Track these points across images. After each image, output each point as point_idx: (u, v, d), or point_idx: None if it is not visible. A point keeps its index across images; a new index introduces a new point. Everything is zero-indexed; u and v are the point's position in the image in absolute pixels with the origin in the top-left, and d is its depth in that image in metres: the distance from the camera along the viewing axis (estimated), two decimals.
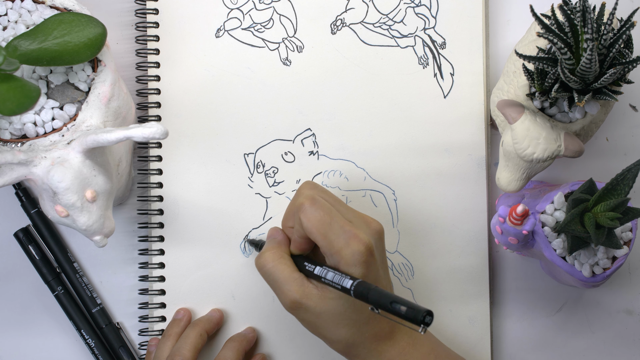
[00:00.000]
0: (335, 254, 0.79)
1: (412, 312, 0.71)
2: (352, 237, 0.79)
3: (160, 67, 0.94)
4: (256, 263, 0.84)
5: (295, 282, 0.81)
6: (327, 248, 0.79)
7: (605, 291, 0.98)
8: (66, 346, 0.96)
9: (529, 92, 0.84)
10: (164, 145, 0.94)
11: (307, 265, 0.82)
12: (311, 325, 0.82)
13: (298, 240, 0.83)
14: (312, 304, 0.80)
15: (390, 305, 0.72)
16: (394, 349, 0.82)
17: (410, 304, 0.71)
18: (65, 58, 0.77)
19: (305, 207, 0.80)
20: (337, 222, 0.80)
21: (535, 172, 0.84)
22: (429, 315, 0.70)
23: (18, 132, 0.79)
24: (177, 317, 0.93)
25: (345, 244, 0.79)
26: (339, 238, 0.79)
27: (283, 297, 0.81)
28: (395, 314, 0.72)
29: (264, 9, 0.95)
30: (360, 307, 0.80)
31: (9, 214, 0.96)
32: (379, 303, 0.74)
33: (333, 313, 0.80)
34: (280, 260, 0.82)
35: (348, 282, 0.77)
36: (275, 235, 0.86)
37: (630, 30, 0.76)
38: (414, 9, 0.96)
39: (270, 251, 0.83)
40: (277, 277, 0.81)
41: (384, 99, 0.95)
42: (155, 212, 0.94)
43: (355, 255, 0.78)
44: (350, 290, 0.76)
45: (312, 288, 0.80)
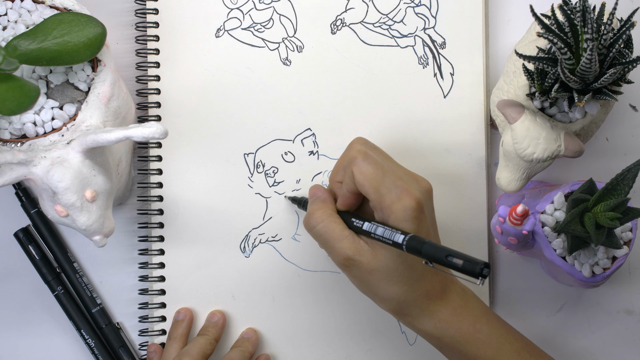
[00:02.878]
0: (386, 209, 0.78)
1: (469, 265, 0.70)
2: (404, 192, 0.78)
3: (160, 67, 0.94)
4: (305, 224, 0.83)
5: (346, 239, 0.80)
6: (377, 202, 0.79)
7: (605, 291, 0.98)
8: (66, 346, 0.96)
9: (529, 92, 0.84)
10: (164, 145, 0.94)
11: (354, 222, 0.81)
12: (363, 283, 0.81)
13: (346, 195, 0.83)
14: (364, 260, 0.79)
15: (446, 259, 0.71)
16: (446, 309, 0.81)
17: (466, 257, 0.70)
18: (65, 58, 0.77)
19: (358, 161, 0.80)
20: (389, 176, 0.79)
21: (535, 172, 0.84)
22: (486, 267, 0.69)
23: (18, 132, 0.79)
24: (178, 318, 0.93)
25: (397, 198, 0.78)
26: (390, 192, 0.78)
27: (335, 255, 0.81)
28: (451, 267, 0.71)
29: (264, 9, 0.95)
30: (413, 263, 0.79)
31: (9, 214, 0.96)
32: (433, 256, 0.72)
33: (385, 269, 0.79)
34: (330, 218, 0.82)
35: (400, 236, 0.76)
36: (319, 194, 0.85)
37: (630, 30, 0.76)
38: (414, 9, 0.96)
39: (318, 210, 0.83)
40: (329, 235, 0.81)
41: (384, 99, 0.95)
42: (155, 212, 0.94)
43: (407, 211, 0.77)
44: (403, 245, 0.75)
45: (363, 244, 0.80)
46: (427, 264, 0.74)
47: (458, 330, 0.81)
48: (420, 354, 0.95)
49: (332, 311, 0.95)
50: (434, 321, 0.81)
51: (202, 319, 0.94)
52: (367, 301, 0.95)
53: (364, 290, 0.82)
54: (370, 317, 0.95)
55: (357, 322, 0.95)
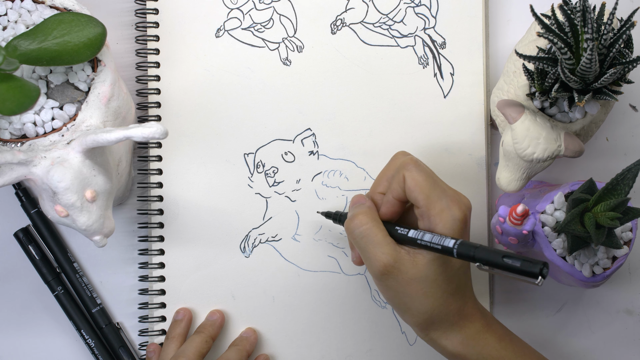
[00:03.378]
0: (435, 216, 0.78)
1: (528, 265, 0.69)
2: (454, 202, 0.78)
3: (160, 67, 0.94)
4: (346, 226, 0.82)
5: (388, 245, 0.79)
6: (426, 209, 0.79)
7: (605, 291, 0.98)
8: (66, 346, 0.96)
9: (529, 92, 0.84)
10: (164, 145, 0.94)
11: (399, 230, 0.80)
12: (398, 294, 0.80)
13: (391, 202, 0.82)
14: (404, 269, 0.78)
15: (503, 260, 0.71)
16: (473, 325, 0.81)
17: (524, 257, 0.70)
18: (65, 58, 0.77)
19: (410, 167, 0.80)
20: (438, 186, 0.79)
21: (535, 172, 0.84)
22: (545, 267, 0.69)
23: (18, 132, 0.79)
24: (177, 317, 0.93)
25: (447, 207, 0.78)
26: (440, 201, 0.78)
27: (374, 260, 0.79)
28: (508, 268, 0.70)
29: (264, 9, 0.95)
30: (451, 275, 0.79)
31: (9, 214, 0.96)
32: (488, 260, 0.72)
33: (424, 280, 0.78)
34: (373, 223, 0.81)
35: (450, 241, 0.75)
36: (362, 202, 0.85)
37: (630, 30, 0.76)
38: (414, 9, 0.96)
39: (362, 214, 0.82)
40: (371, 239, 0.80)
41: (384, 99, 0.95)
42: (155, 212, 0.94)
43: (456, 221, 0.78)
44: (454, 249, 0.75)
45: (404, 253, 0.79)
46: (480, 267, 0.73)
47: (485, 347, 0.81)
48: (420, 354, 0.95)
49: (332, 311, 0.95)
50: (462, 337, 0.80)
51: (202, 319, 0.94)
52: (367, 301, 0.95)
53: (397, 301, 0.81)
54: (371, 317, 0.95)
55: (357, 322, 0.95)
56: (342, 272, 0.95)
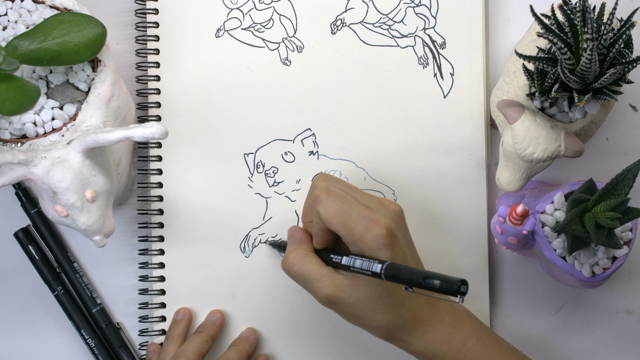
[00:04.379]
0: (358, 241, 0.78)
1: (446, 285, 0.69)
2: (372, 222, 0.77)
3: (160, 67, 0.94)
4: (283, 267, 0.83)
5: (324, 277, 0.80)
6: (348, 236, 0.78)
7: (605, 291, 0.98)
8: (66, 346, 0.96)
9: (529, 92, 0.84)
10: (164, 145, 0.94)
11: (333, 258, 0.80)
12: (349, 316, 0.81)
13: (319, 234, 0.82)
14: (345, 295, 0.79)
15: (424, 281, 0.71)
16: (435, 329, 0.81)
17: (443, 277, 0.70)
18: (65, 58, 0.77)
19: (321, 199, 0.79)
20: (354, 209, 0.79)
21: (535, 172, 0.84)
22: (463, 285, 0.69)
23: (18, 132, 0.79)
24: (177, 317, 0.93)
25: (366, 229, 0.77)
26: (358, 225, 0.78)
27: (316, 295, 0.80)
28: (430, 289, 0.70)
29: (264, 9, 0.95)
30: (394, 289, 0.79)
31: (9, 214, 0.96)
32: (411, 281, 0.72)
33: (368, 300, 0.79)
34: (305, 259, 0.81)
35: (377, 266, 0.75)
36: (295, 235, 0.85)
37: (630, 30, 0.76)
38: (414, 9, 0.96)
39: (293, 252, 0.82)
40: (306, 276, 0.81)
41: (384, 99, 0.95)
42: (155, 212, 0.94)
43: (378, 239, 0.77)
44: (381, 274, 0.75)
45: (342, 279, 0.79)
46: (408, 289, 0.73)
47: (449, 350, 0.81)
48: None
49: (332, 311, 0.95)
50: (425, 342, 0.81)
51: (202, 319, 0.94)
52: None
53: (352, 322, 0.82)
54: None
55: None
56: None
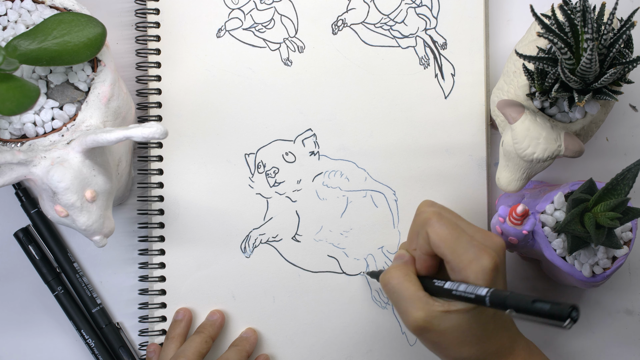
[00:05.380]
0: (464, 269, 0.77)
1: (557, 309, 0.68)
2: (482, 252, 0.77)
3: (161, 67, 0.94)
4: (381, 279, 0.83)
5: (420, 300, 0.79)
6: (455, 263, 0.78)
7: (605, 291, 0.97)
8: (66, 346, 0.97)
9: (529, 92, 0.84)
10: (164, 145, 0.94)
11: (435, 282, 0.80)
12: (434, 345, 0.80)
13: (423, 258, 0.82)
14: (436, 322, 0.78)
15: (532, 305, 0.70)
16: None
17: (553, 301, 0.69)
18: (65, 58, 0.77)
19: (432, 222, 0.79)
20: (464, 236, 0.78)
21: (535, 172, 0.84)
22: (575, 310, 0.68)
23: (18, 132, 0.79)
24: (177, 317, 0.93)
25: (475, 257, 0.77)
26: (467, 252, 0.77)
27: (407, 315, 0.79)
28: (538, 313, 0.69)
29: (265, 9, 0.95)
30: (485, 322, 0.78)
31: (9, 214, 0.96)
32: (518, 306, 0.71)
33: (458, 329, 0.78)
34: (406, 277, 0.81)
35: (483, 290, 0.75)
36: (402, 256, 0.84)
37: (630, 30, 0.76)
38: (415, 10, 0.96)
39: (396, 268, 0.82)
40: (402, 294, 0.80)
41: (385, 100, 0.95)
42: (155, 212, 0.94)
43: (486, 271, 0.76)
44: (486, 298, 0.74)
45: (437, 306, 0.78)
46: (511, 314, 0.72)
47: None
48: (420, 355, 0.95)
49: (332, 311, 0.95)
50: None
51: (202, 319, 0.94)
52: (367, 301, 0.95)
53: (433, 350, 0.81)
54: (371, 317, 0.95)
55: (357, 322, 0.95)
56: (343, 272, 0.95)
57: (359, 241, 0.95)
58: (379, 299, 0.95)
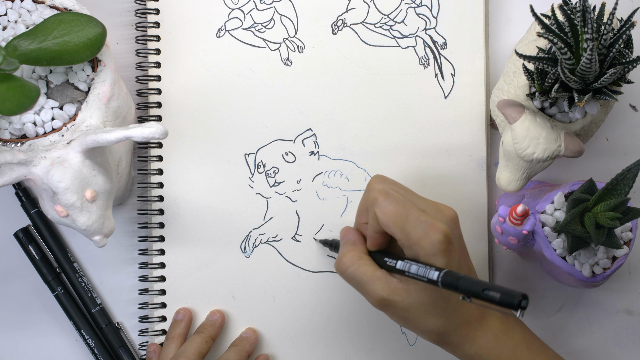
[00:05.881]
0: (414, 245, 0.77)
1: (507, 298, 0.69)
2: (430, 227, 0.77)
3: (161, 67, 0.94)
4: (336, 268, 0.83)
5: (379, 280, 0.79)
6: (405, 240, 0.78)
7: (605, 291, 0.97)
8: (66, 346, 0.97)
9: (529, 92, 0.84)
10: (164, 145, 0.94)
11: (387, 261, 0.80)
12: (401, 319, 0.81)
13: (374, 236, 0.82)
14: (399, 299, 0.78)
15: (483, 293, 0.70)
16: (486, 335, 0.80)
17: (503, 290, 0.69)
18: (65, 58, 0.77)
19: (379, 201, 0.79)
20: (412, 213, 0.78)
21: (535, 172, 0.84)
22: (524, 299, 0.68)
23: (18, 132, 0.79)
24: (177, 317, 0.93)
25: (424, 234, 0.77)
26: (416, 229, 0.77)
27: (369, 297, 0.80)
28: (489, 300, 0.70)
29: (265, 9, 0.95)
30: (447, 294, 0.79)
31: (9, 214, 0.96)
32: (469, 291, 0.72)
33: (421, 305, 0.78)
34: (360, 261, 0.81)
35: (434, 273, 0.75)
36: (348, 236, 0.85)
37: (630, 30, 0.76)
38: (415, 10, 0.96)
39: (348, 254, 0.82)
40: (360, 278, 0.80)
41: (385, 100, 0.95)
42: (155, 212, 0.94)
43: (435, 245, 0.76)
44: (438, 282, 0.74)
45: (396, 283, 0.79)
46: (464, 299, 0.73)
47: (498, 357, 0.80)
48: (420, 355, 0.95)
49: (332, 311, 0.95)
50: (475, 348, 0.80)
51: (202, 319, 0.94)
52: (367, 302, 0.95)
53: (403, 325, 0.82)
54: (371, 317, 0.95)
55: (357, 322, 0.95)
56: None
57: None
58: None
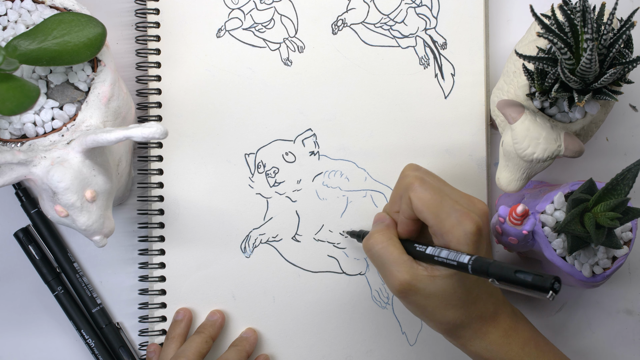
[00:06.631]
0: (447, 233, 0.77)
1: (539, 280, 0.69)
2: (464, 216, 0.77)
3: (161, 67, 0.94)
4: (364, 244, 0.83)
5: (404, 263, 0.79)
6: (437, 227, 0.78)
7: (605, 291, 0.97)
8: (66, 346, 0.97)
9: (529, 92, 0.84)
10: (164, 145, 0.94)
11: (417, 247, 0.80)
12: (419, 308, 0.80)
13: (405, 222, 0.82)
14: (422, 286, 0.78)
15: (515, 275, 0.70)
16: (497, 330, 0.81)
17: (535, 272, 0.69)
18: (65, 58, 0.77)
19: (415, 187, 0.79)
20: (447, 201, 0.78)
21: (535, 172, 0.84)
22: (557, 282, 0.68)
23: (18, 132, 0.79)
24: (177, 318, 0.93)
25: (457, 222, 0.77)
26: (450, 217, 0.77)
27: (392, 279, 0.80)
28: (521, 283, 0.70)
29: (265, 9, 0.95)
30: (470, 286, 0.79)
31: (9, 214, 0.96)
32: (501, 275, 0.71)
33: (443, 293, 0.78)
34: (390, 241, 0.81)
35: (465, 257, 0.75)
36: (383, 219, 0.84)
37: (630, 30, 0.76)
38: (415, 10, 0.96)
39: (379, 233, 0.82)
40: (387, 258, 0.80)
41: (385, 100, 0.95)
42: (155, 212, 0.94)
43: (468, 235, 0.76)
44: (468, 265, 0.74)
45: (421, 270, 0.79)
46: (494, 283, 0.73)
47: (507, 353, 0.81)
48: (420, 355, 0.95)
49: (332, 311, 0.95)
50: (485, 343, 0.81)
51: (202, 319, 0.94)
52: (367, 301, 0.95)
53: (418, 313, 0.81)
54: (371, 317, 0.95)
55: (357, 322, 0.95)
56: (343, 272, 0.95)
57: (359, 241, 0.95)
58: (379, 299, 0.95)
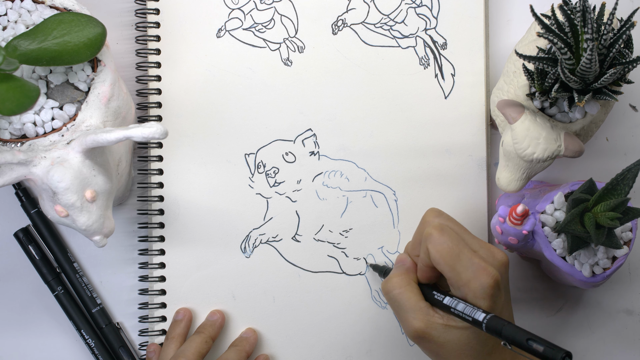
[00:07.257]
0: (463, 287, 0.77)
1: (550, 352, 0.68)
2: (481, 270, 0.76)
3: (161, 67, 0.94)
4: (383, 287, 0.82)
5: (420, 311, 0.79)
6: (454, 280, 0.77)
7: (605, 291, 0.97)
8: (66, 346, 0.96)
9: (529, 92, 0.84)
10: (164, 145, 0.94)
11: (435, 295, 0.79)
12: (433, 354, 0.80)
13: (424, 269, 0.81)
14: (436, 334, 0.78)
15: (527, 343, 0.70)
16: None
17: (548, 343, 0.69)
18: (65, 58, 0.77)
19: (433, 237, 0.78)
20: (465, 253, 0.77)
21: (535, 172, 0.83)
22: (568, 357, 0.68)
23: (18, 132, 0.79)
24: (177, 318, 0.93)
25: (474, 276, 0.76)
26: (467, 270, 0.77)
27: (407, 325, 0.79)
28: (531, 351, 0.69)
29: (265, 9, 0.95)
30: (485, 338, 0.78)
31: (9, 214, 0.96)
32: (513, 339, 0.71)
33: (457, 343, 0.78)
34: (408, 287, 0.81)
35: (480, 314, 0.74)
36: (404, 262, 0.84)
37: (630, 30, 0.76)
38: (415, 10, 0.96)
39: (398, 277, 0.82)
40: (403, 304, 0.80)
41: (385, 100, 0.95)
42: (155, 212, 0.94)
43: (485, 289, 0.76)
44: (482, 324, 0.74)
45: (437, 318, 0.78)
46: (505, 346, 0.72)
47: None
48: (420, 355, 0.95)
49: (332, 311, 0.95)
50: None
51: (202, 319, 0.94)
52: (367, 302, 0.95)
53: (433, 358, 0.81)
54: (371, 317, 0.95)
55: (357, 322, 0.95)
56: (343, 272, 0.95)
57: (359, 241, 0.95)
58: (379, 299, 0.95)
